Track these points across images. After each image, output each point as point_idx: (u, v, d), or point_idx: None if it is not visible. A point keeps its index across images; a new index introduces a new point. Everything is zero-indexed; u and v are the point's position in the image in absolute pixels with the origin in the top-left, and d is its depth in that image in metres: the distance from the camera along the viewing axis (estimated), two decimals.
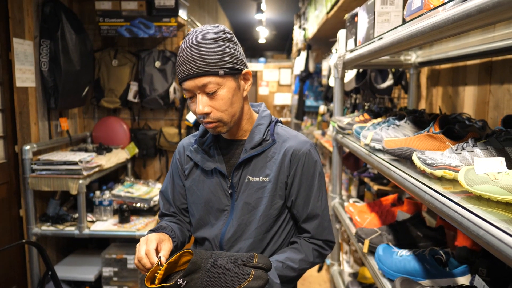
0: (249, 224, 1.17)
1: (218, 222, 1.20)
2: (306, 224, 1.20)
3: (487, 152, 0.90)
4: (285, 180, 1.17)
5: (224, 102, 1.08)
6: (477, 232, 0.69)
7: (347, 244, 2.41)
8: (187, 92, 1.09)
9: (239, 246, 1.17)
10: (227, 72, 1.07)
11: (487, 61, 1.57)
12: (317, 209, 1.19)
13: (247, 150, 1.16)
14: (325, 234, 1.21)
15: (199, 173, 1.23)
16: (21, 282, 2.60)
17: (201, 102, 1.07)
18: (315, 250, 1.20)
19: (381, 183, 2.30)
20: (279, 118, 1.42)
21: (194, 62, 1.04)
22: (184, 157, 1.27)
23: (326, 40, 4.40)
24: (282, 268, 1.12)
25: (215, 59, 1.05)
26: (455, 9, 0.77)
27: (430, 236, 1.43)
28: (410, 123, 1.37)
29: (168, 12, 2.98)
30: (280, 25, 9.86)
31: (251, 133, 1.18)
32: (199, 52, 1.04)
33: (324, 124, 4.49)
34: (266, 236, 1.18)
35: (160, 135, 3.29)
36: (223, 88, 1.07)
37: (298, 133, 1.25)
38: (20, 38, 2.49)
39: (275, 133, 1.20)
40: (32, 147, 2.51)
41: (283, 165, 1.16)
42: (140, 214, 2.84)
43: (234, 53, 1.09)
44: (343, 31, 1.99)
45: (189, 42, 1.06)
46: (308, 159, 1.18)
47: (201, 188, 1.22)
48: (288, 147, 1.17)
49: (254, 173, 1.16)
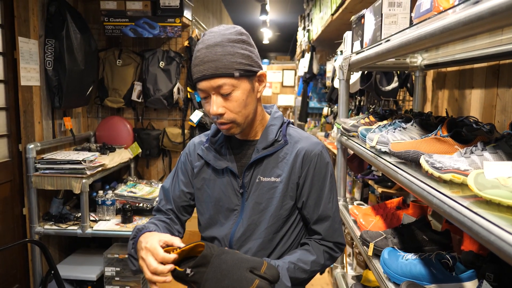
0: (259, 224, 1.16)
1: (228, 221, 1.20)
2: (317, 225, 1.19)
3: (496, 156, 0.89)
4: (297, 181, 1.16)
5: (239, 104, 1.08)
6: (488, 238, 0.68)
7: (351, 247, 2.40)
8: (201, 92, 1.09)
9: (248, 246, 1.16)
10: (242, 74, 1.07)
11: (494, 64, 1.56)
12: (328, 210, 1.19)
13: (259, 150, 1.16)
14: (336, 236, 1.20)
15: (210, 172, 1.23)
16: (23, 280, 2.60)
17: (215, 103, 1.07)
18: (326, 252, 1.19)
19: (385, 185, 2.29)
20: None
21: (210, 63, 1.04)
22: (194, 155, 1.27)
23: (331, 42, 4.39)
24: (294, 269, 1.11)
25: (231, 61, 1.05)
26: (467, 11, 0.76)
27: (436, 240, 1.41)
28: (417, 126, 1.36)
29: (173, 13, 2.98)
30: (284, 27, 9.86)
31: (263, 134, 1.19)
32: (215, 53, 1.04)
33: (327, 126, 4.48)
34: (276, 237, 1.17)
35: (164, 135, 3.29)
36: (237, 89, 1.07)
37: (310, 134, 1.25)
38: (25, 37, 2.49)
39: (287, 134, 1.20)
40: (36, 146, 2.52)
41: (294, 166, 1.16)
42: (143, 214, 2.83)
43: (250, 55, 1.09)
44: (349, 33, 1.98)
45: (206, 42, 1.06)
46: (320, 161, 1.18)
47: (212, 187, 1.22)
48: (300, 148, 1.17)
49: (265, 173, 1.16)
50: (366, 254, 1.53)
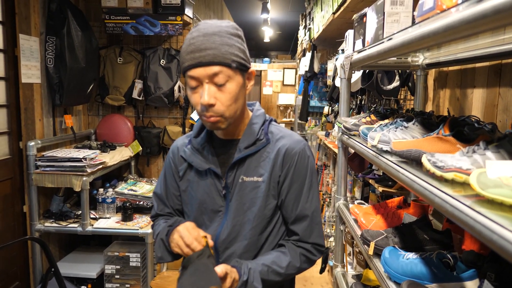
0: (243, 225, 1.15)
1: (213, 223, 1.18)
2: (295, 225, 1.18)
3: (499, 156, 0.89)
4: (278, 179, 1.15)
5: (231, 96, 1.06)
6: (491, 237, 0.68)
7: (351, 246, 2.40)
8: (193, 81, 1.05)
9: (234, 248, 1.15)
10: (238, 66, 1.05)
11: (496, 63, 1.56)
12: (306, 210, 1.17)
13: (241, 149, 1.14)
14: (314, 237, 1.18)
15: (193, 174, 1.20)
16: (24, 278, 2.60)
17: (208, 92, 1.03)
18: (303, 255, 1.17)
19: (386, 185, 2.28)
20: (283, 118, 1.41)
21: (207, 51, 1.01)
22: (178, 157, 1.25)
23: (332, 41, 4.38)
24: (267, 272, 1.10)
25: (229, 51, 1.03)
26: (470, 9, 0.76)
27: (437, 239, 1.41)
28: (419, 125, 1.36)
29: (174, 10, 2.97)
30: (285, 25, 9.85)
31: (245, 133, 1.16)
32: (214, 42, 1.02)
33: (328, 124, 4.47)
34: (261, 238, 1.16)
35: (164, 133, 3.29)
36: (232, 81, 1.05)
37: (293, 132, 1.23)
38: (26, 35, 2.49)
39: (269, 132, 1.18)
40: (36, 143, 2.52)
41: (276, 164, 1.14)
42: (143, 212, 2.84)
43: (244, 50, 1.09)
44: (351, 32, 1.98)
45: (202, 31, 1.03)
46: (301, 159, 1.16)
47: (196, 189, 1.20)
48: (281, 145, 1.15)
49: (248, 173, 1.14)
50: (367, 253, 1.53)
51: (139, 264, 2.72)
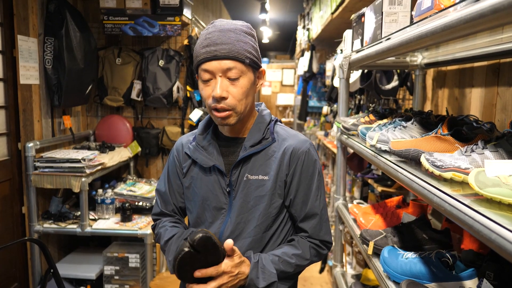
0: (247, 222, 1.16)
1: (216, 220, 1.19)
2: (304, 223, 1.20)
3: (497, 155, 0.89)
4: (284, 179, 1.16)
5: (243, 91, 1.09)
6: (489, 236, 0.68)
7: (350, 246, 2.40)
8: (207, 74, 1.08)
9: (238, 245, 1.16)
10: (250, 63, 1.10)
11: (495, 63, 1.56)
12: (315, 208, 1.19)
13: (246, 148, 1.16)
14: (322, 234, 1.21)
15: (197, 170, 1.21)
16: (22, 279, 2.59)
17: (220, 85, 1.07)
18: (313, 248, 1.20)
19: (385, 184, 2.29)
20: (282, 119, 1.42)
21: (223, 45, 1.06)
22: (182, 154, 1.26)
23: (330, 41, 4.39)
24: (278, 262, 1.12)
25: (244, 48, 1.08)
26: (468, 9, 0.76)
27: (436, 239, 1.41)
28: (417, 125, 1.36)
29: (172, 11, 2.97)
30: (284, 25, 9.85)
31: (251, 131, 1.18)
32: (229, 37, 1.07)
33: (327, 124, 4.48)
34: (265, 235, 1.17)
35: (163, 134, 3.28)
36: (244, 77, 1.10)
37: (298, 132, 1.25)
38: (24, 36, 2.49)
39: (274, 131, 1.20)
40: (35, 145, 2.51)
41: (282, 164, 1.15)
42: (142, 213, 2.83)
43: (257, 49, 1.14)
44: (349, 32, 1.98)
45: (218, 27, 1.09)
46: (308, 158, 1.18)
47: (199, 185, 1.21)
48: (287, 145, 1.17)
49: (253, 171, 1.15)
50: (366, 253, 1.53)
51: (138, 264, 2.71)
